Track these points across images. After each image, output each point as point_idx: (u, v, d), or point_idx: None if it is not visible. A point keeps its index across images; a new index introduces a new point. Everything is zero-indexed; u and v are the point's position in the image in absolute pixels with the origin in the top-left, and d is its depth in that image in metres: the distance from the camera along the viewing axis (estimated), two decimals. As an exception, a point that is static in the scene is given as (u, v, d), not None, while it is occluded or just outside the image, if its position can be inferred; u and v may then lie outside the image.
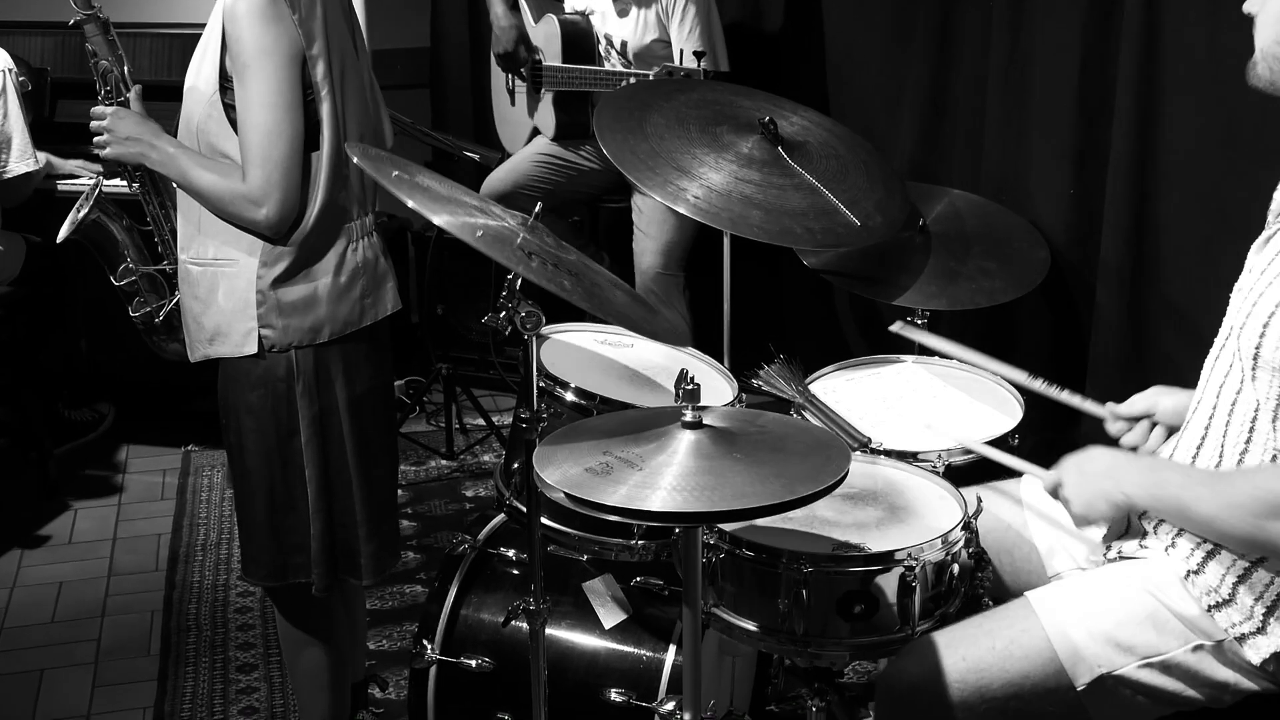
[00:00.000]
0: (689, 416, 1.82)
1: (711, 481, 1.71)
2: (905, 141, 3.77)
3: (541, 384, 2.23)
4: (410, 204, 1.90)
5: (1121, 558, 2.07)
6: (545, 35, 4.12)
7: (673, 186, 2.58)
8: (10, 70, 3.92)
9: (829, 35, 4.07)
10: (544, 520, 2.28)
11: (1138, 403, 2.25)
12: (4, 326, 4.01)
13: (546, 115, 4.20)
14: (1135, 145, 3.01)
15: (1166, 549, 1.99)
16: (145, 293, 2.66)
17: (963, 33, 3.59)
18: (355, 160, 2.07)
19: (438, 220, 1.89)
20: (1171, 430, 2.18)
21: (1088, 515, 2.00)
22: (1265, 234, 1.96)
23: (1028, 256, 3.10)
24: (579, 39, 4.06)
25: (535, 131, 4.34)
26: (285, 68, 2.27)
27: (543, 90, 4.17)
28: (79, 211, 2.73)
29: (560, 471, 1.75)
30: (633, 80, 3.70)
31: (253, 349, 2.39)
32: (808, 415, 2.49)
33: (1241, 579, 1.91)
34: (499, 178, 4.28)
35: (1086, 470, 2.01)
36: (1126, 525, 2.09)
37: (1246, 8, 1.92)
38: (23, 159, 3.93)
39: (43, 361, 4.31)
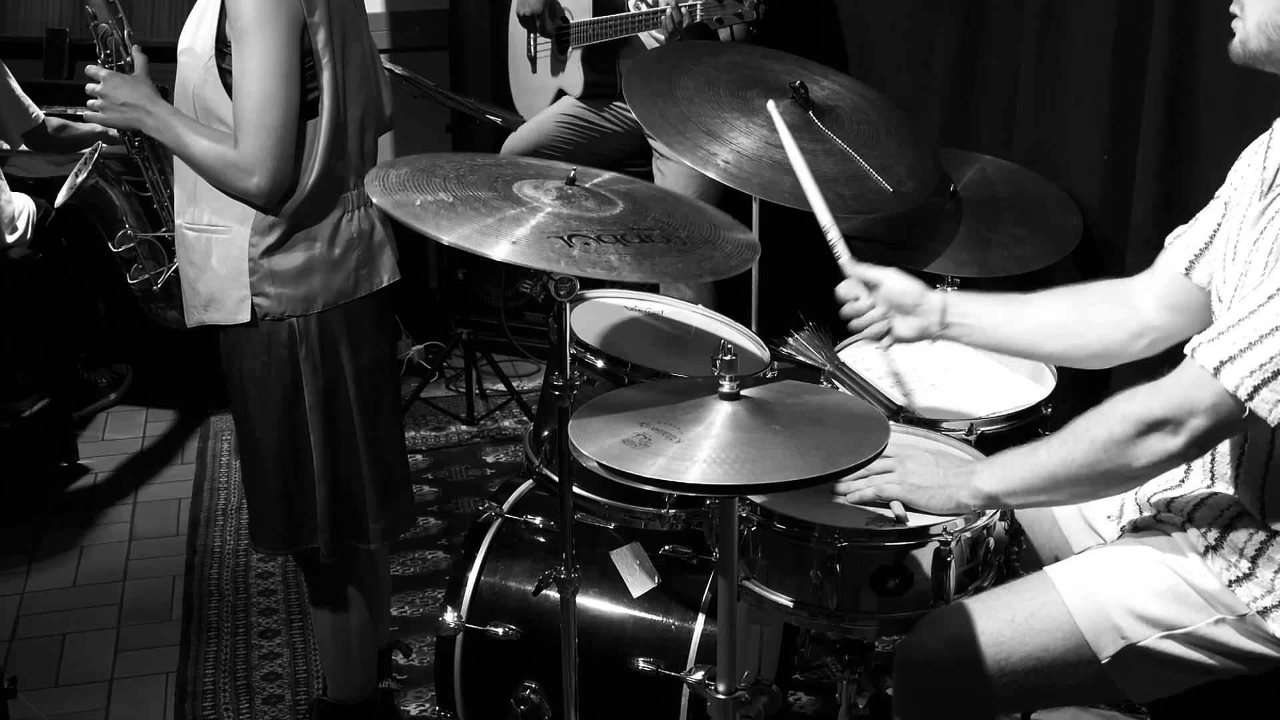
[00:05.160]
0: (727, 387, 1.79)
1: (751, 454, 1.68)
2: (934, 106, 3.71)
3: (572, 351, 2.21)
4: (445, 239, 1.83)
5: (1136, 529, 2.06)
6: None
7: (703, 151, 2.55)
8: None
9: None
10: (574, 488, 2.26)
11: (873, 271, 2.36)
12: (20, 290, 3.99)
13: (574, 75, 4.15)
14: (1167, 112, 2.97)
15: (1183, 524, 1.97)
16: (144, 260, 2.64)
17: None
18: (376, 201, 1.97)
19: (491, 253, 1.84)
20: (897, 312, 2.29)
21: (923, 503, 2.03)
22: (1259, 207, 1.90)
23: (1059, 223, 3.07)
24: None
25: (557, 96, 4.30)
26: (284, 35, 2.24)
27: (570, 49, 4.12)
28: (77, 176, 2.71)
29: (598, 443, 1.72)
30: (670, 14, 3.62)
31: (245, 317, 2.38)
32: (838, 383, 2.46)
33: (1260, 553, 1.89)
34: (520, 138, 4.24)
35: (942, 464, 2.07)
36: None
37: (1233, 8, 1.88)
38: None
39: (60, 324, 4.29)
